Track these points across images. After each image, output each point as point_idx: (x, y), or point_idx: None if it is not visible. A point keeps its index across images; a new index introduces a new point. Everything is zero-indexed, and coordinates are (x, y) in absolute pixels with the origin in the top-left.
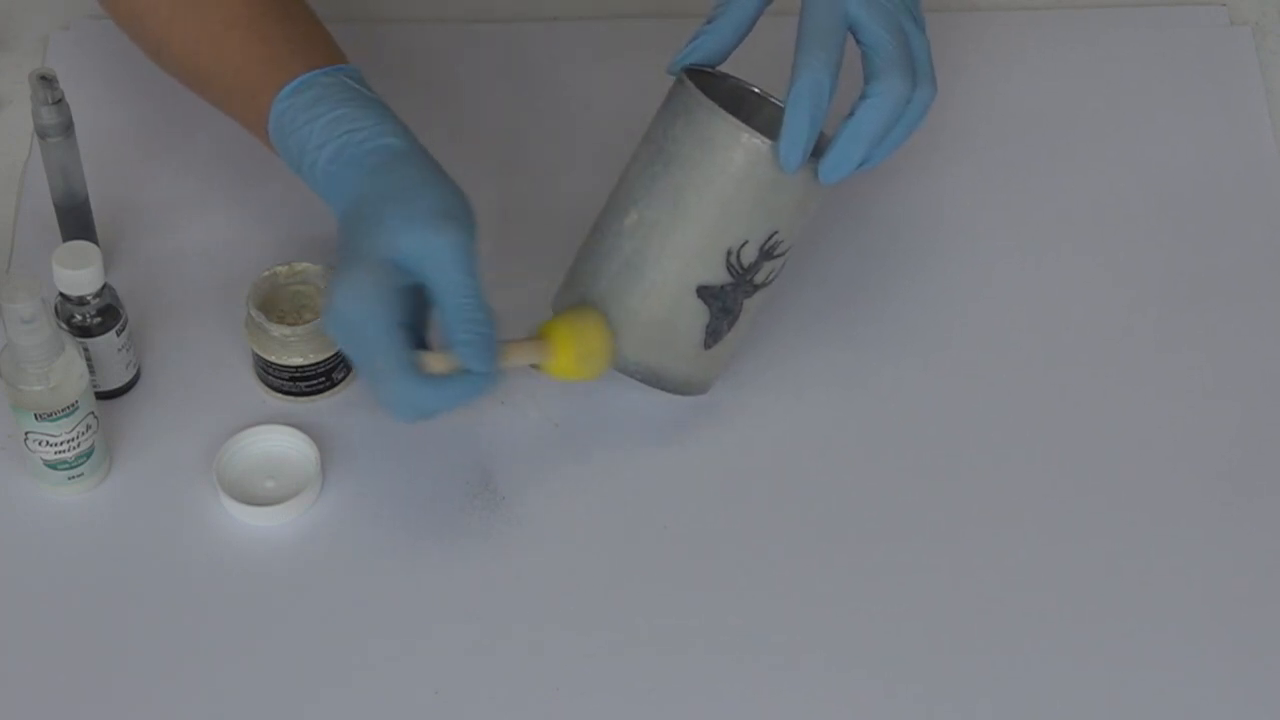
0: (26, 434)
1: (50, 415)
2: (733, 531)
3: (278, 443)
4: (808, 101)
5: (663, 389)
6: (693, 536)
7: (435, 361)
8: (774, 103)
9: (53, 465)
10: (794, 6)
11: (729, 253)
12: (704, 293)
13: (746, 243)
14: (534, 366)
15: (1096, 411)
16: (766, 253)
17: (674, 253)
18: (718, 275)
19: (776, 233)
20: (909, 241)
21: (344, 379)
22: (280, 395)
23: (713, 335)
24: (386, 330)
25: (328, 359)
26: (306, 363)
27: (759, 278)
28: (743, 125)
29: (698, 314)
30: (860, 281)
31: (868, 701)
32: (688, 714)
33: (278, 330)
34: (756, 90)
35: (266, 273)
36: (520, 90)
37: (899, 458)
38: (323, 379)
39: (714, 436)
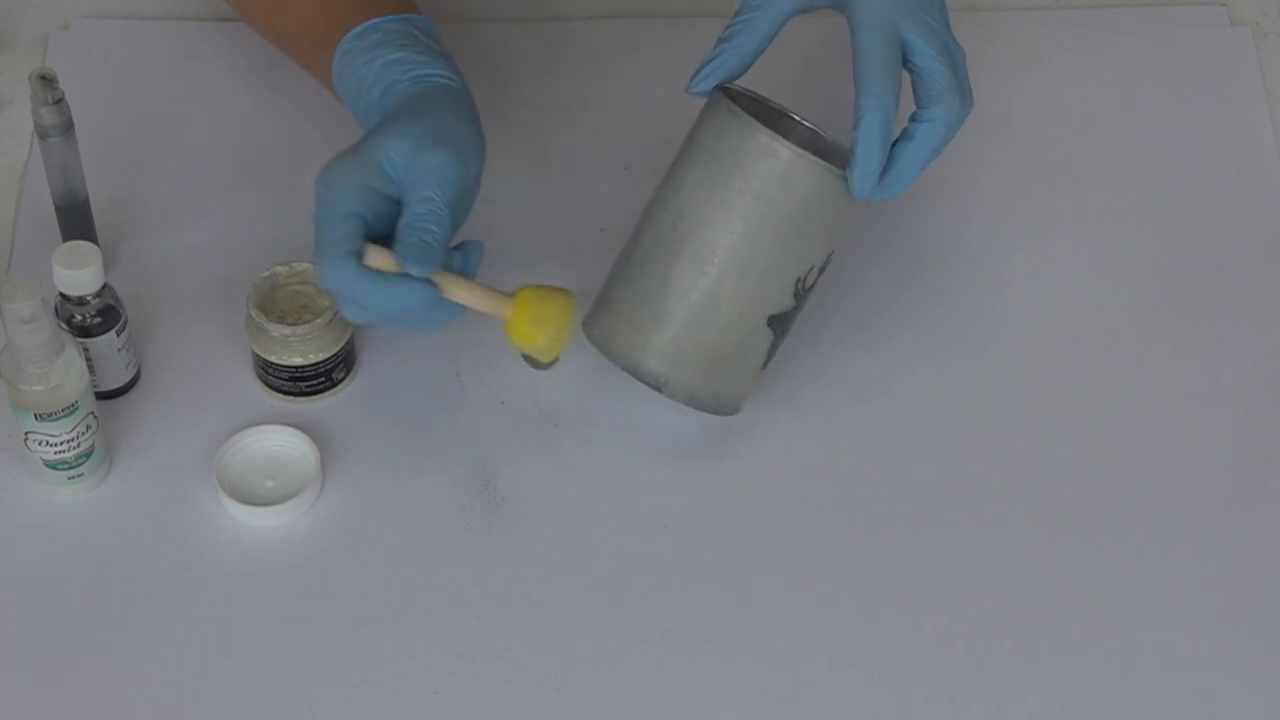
0: (26, 434)
1: (50, 415)
2: (732, 531)
3: (278, 443)
4: (879, 133)
5: (722, 414)
6: (692, 536)
7: (377, 256)
8: (773, 107)
9: (53, 465)
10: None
11: (798, 280)
12: (773, 321)
13: (812, 268)
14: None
15: (1116, 416)
16: (823, 270)
17: (753, 290)
18: (786, 304)
19: (833, 250)
20: (912, 247)
21: (344, 379)
22: (280, 395)
23: (771, 354)
24: (342, 215)
25: (328, 359)
26: (306, 363)
27: (812, 294)
28: (821, 161)
29: (765, 339)
30: (863, 291)
31: (871, 704)
32: (688, 714)
33: (278, 330)
34: (774, 105)
35: (266, 273)
36: (520, 90)
37: (897, 464)
38: (323, 379)
39: (713, 436)
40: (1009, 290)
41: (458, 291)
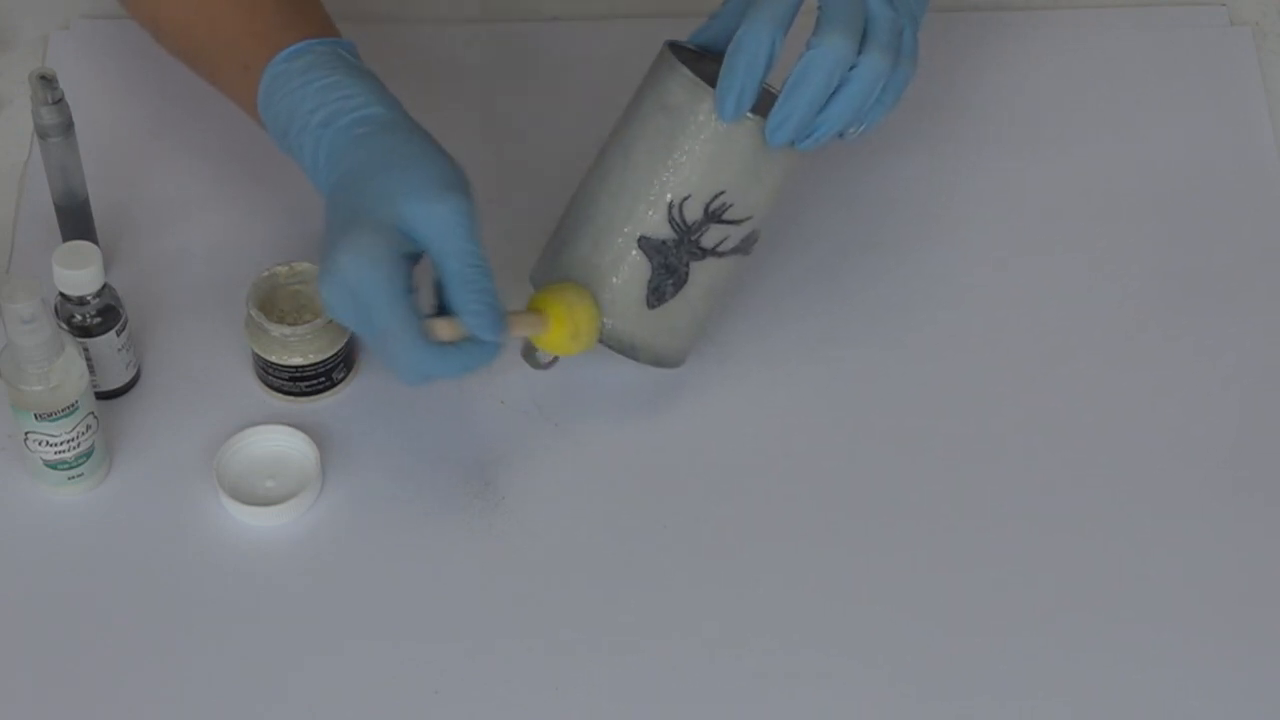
0: (26, 434)
1: (50, 415)
2: (733, 531)
3: (278, 443)
4: (746, 51)
5: (611, 349)
6: (692, 536)
7: (443, 329)
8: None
9: (53, 465)
10: None
11: (670, 205)
12: (645, 244)
13: (689, 197)
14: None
15: (1083, 397)
16: (712, 214)
17: (617, 197)
18: (660, 229)
19: (723, 194)
20: (902, 237)
21: (344, 379)
22: (280, 395)
23: (655, 294)
24: (397, 297)
25: (328, 359)
26: (306, 363)
27: (706, 240)
28: (691, 75)
29: (639, 267)
30: (851, 264)
31: (867, 697)
32: (688, 713)
33: (278, 330)
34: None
35: (266, 273)
36: (519, 90)
37: (890, 438)
38: (323, 379)
39: (714, 438)
40: (995, 281)
41: (512, 331)
